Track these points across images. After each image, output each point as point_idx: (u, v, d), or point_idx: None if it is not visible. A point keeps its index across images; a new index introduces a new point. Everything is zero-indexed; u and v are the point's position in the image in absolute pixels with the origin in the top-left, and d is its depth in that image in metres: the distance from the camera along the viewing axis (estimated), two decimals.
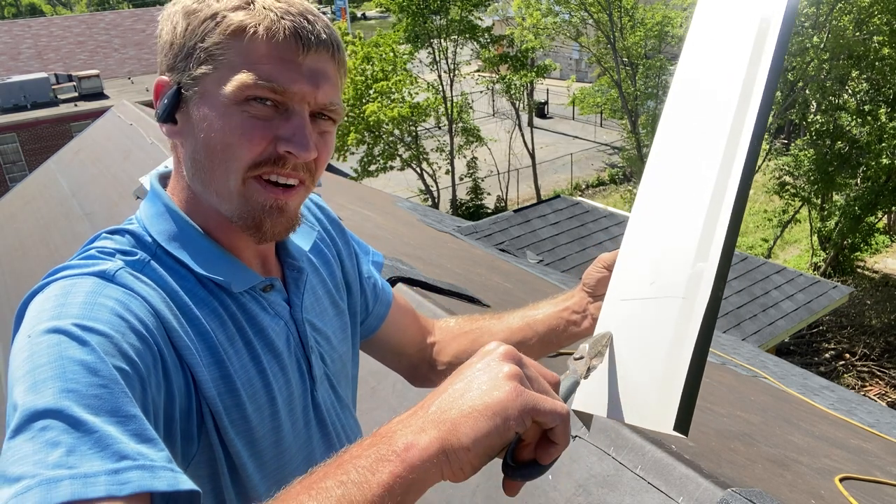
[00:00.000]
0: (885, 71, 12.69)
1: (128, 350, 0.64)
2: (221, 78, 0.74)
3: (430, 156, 17.26)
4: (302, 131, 0.76)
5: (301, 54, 0.75)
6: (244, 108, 0.74)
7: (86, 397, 0.57)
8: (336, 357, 0.96)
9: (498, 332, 1.10)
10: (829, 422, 3.12)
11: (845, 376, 10.91)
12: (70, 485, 0.52)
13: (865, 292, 13.51)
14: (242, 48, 0.74)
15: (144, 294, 0.72)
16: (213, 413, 0.75)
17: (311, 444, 0.90)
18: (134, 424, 0.59)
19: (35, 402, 0.56)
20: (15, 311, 0.72)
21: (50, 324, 0.63)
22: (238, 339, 0.80)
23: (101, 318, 0.65)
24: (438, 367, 1.16)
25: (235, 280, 0.81)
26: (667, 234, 0.78)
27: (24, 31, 23.21)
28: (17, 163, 17.82)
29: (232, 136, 0.75)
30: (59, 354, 0.60)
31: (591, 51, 18.81)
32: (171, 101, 0.77)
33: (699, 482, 1.40)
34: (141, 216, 0.83)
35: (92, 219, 5.21)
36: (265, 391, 0.81)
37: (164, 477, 0.56)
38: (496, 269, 4.55)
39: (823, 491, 1.75)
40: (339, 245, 1.05)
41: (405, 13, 16.24)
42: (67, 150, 7.95)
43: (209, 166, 0.77)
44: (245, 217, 0.78)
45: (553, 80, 26.26)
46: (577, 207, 7.86)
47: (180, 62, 0.77)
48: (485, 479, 1.76)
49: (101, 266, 0.72)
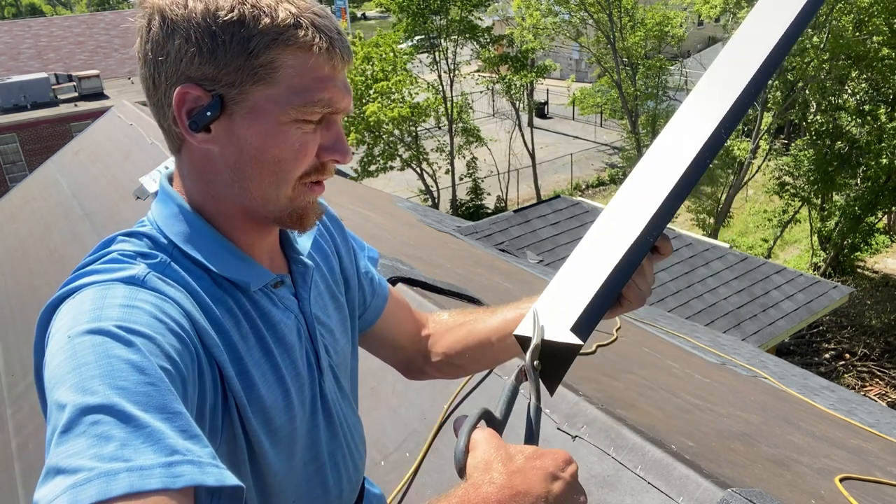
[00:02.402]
0: (884, 71, 12.70)
1: (169, 351, 0.66)
2: (279, 97, 0.76)
3: (430, 156, 17.26)
4: (342, 140, 0.82)
5: (340, 69, 0.79)
6: (298, 127, 0.78)
7: (135, 394, 0.59)
8: (339, 349, 0.99)
9: (492, 323, 1.11)
10: (829, 422, 3.11)
11: (845, 376, 10.91)
12: (127, 477, 0.53)
13: (865, 292, 13.51)
14: (298, 67, 0.76)
15: (174, 297, 0.73)
16: (238, 406, 0.78)
17: (318, 433, 0.93)
18: (181, 421, 0.60)
19: (85, 399, 0.57)
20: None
21: (91, 325, 0.64)
22: (251, 336, 0.82)
23: (141, 321, 0.66)
24: (433, 359, 1.18)
25: (253, 279, 0.83)
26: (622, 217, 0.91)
27: (24, 31, 23.20)
28: (17, 163, 17.81)
29: (287, 153, 0.78)
30: (105, 353, 0.61)
31: (591, 51, 18.81)
32: (213, 114, 0.77)
33: (699, 482, 1.40)
34: (154, 217, 0.84)
35: (92, 219, 5.21)
36: (279, 385, 0.84)
37: (211, 472, 0.58)
38: (496, 269, 4.55)
39: (823, 491, 1.75)
40: (338, 241, 1.07)
41: (405, 13, 16.24)
42: (67, 150, 7.95)
43: (258, 176, 0.79)
44: (291, 214, 0.82)
45: (553, 80, 26.27)
46: (577, 207, 7.86)
47: (225, 75, 0.75)
48: None
49: (129, 271, 0.73)
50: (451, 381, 2.06)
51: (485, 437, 0.65)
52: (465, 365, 1.18)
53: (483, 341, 1.12)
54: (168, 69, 0.76)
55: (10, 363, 4.08)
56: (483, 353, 1.13)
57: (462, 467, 0.64)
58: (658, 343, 3.59)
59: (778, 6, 1.01)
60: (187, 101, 0.77)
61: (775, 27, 0.99)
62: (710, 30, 27.23)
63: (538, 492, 0.60)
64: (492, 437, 0.65)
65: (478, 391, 1.98)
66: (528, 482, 0.60)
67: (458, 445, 0.65)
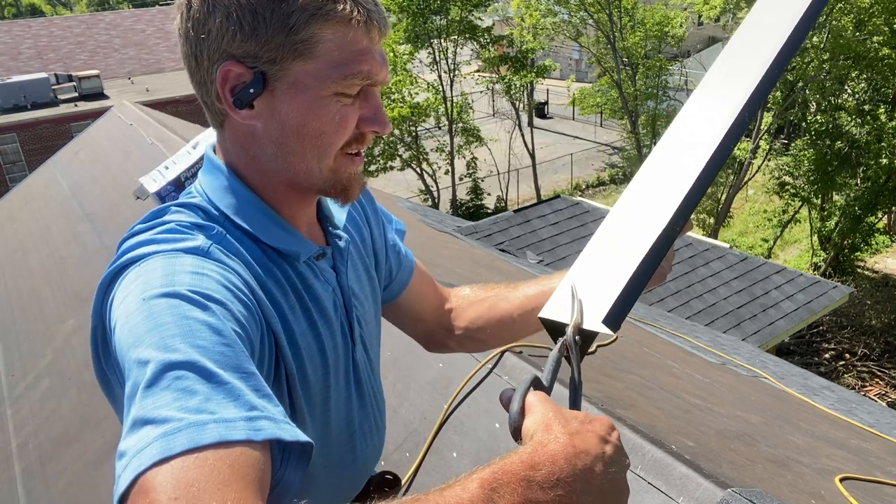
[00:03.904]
0: (884, 71, 12.69)
1: (239, 317, 0.69)
2: (318, 71, 0.77)
3: (430, 156, 17.25)
4: (380, 111, 0.83)
5: (377, 40, 0.80)
6: (337, 99, 0.79)
7: (213, 353, 0.61)
8: (369, 320, 1.02)
9: (514, 299, 1.13)
10: (829, 422, 3.11)
11: (845, 376, 10.91)
12: (215, 427, 0.56)
13: (865, 292, 13.51)
14: (337, 41, 0.77)
15: (236, 268, 0.76)
16: (287, 374, 0.81)
17: (351, 402, 0.96)
18: (255, 381, 0.63)
19: (168, 356, 0.60)
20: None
21: (165, 289, 0.66)
22: (297, 307, 0.85)
23: (212, 288, 0.69)
24: (455, 333, 1.20)
25: (302, 249, 0.86)
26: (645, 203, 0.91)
27: (24, 31, 23.19)
28: (17, 163, 17.81)
29: (328, 126, 0.79)
30: (183, 315, 0.64)
31: (591, 51, 18.81)
32: (256, 90, 0.78)
33: (699, 482, 1.40)
34: (203, 189, 0.85)
35: (92, 219, 5.21)
36: (320, 354, 0.87)
37: (286, 429, 0.60)
38: (496, 269, 4.55)
39: (823, 491, 1.75)
40: (369, 213, 1.09)
41: (405, 13, 16.23)
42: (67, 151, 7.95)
43: (300, 150, 0.81)
44: (334, 185, 0.84)
45: (553, 81, 26.26)
46: (577, 207, 7.85)
47: (266, 52, 0.76)
48: None
49: (191, 242, 0.75)
50: (451, 381, 2.06)
51: (539, 399, 0.67)
52: (486, 340, 1.20)
53: (504, 317, 1.14)
54: (210, 46, 0.78)
55: (10, 363, 4.08)
56: (504, 329, 1.15)
57: (517, 429, 0.66)
58: (658, 343, 3.59)
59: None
60: (230, 79, 0.78)
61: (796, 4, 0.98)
62: (710, 30, 27.23)
63: (595, 452, 0.62)
64: (546, 401, 0.67)
65: (478, 391, 1.98)
66: (587, 442, 0.62)
67: (513, 407, 0.66)
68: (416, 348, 2.35)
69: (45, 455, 3.01)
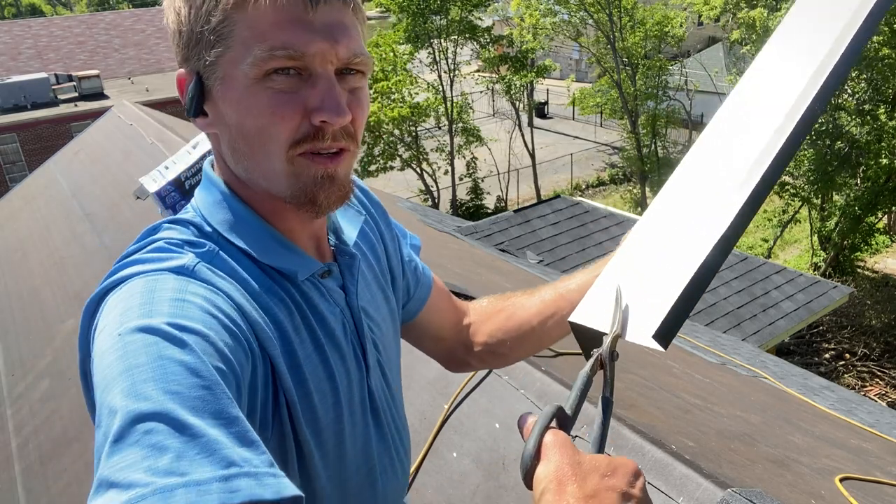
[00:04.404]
0: (884, 71, 12.68)
1: (223, 349, 0.63)
2: (236, 57, 0.70)
3: (430, 156, 17.26)
4: (331, 94, 0.71)
5: (311, 10, 0.70)
6: (268, 85, 0.70)
7: (189, 399, 0.56)
8: (387, 343, 0.94)
9: (531, 306, 1.07)
10: (829, 422, 3.11)
11: (845, 376, 10.91)
12: (184, 493, 0.50)
13: (865, 292, 13.50)
14: (248, 19, 0.69)
15: (224, 288, 0.70)
16: (288, 402, 0.74)
17: (368, 433, 0.88)
18: (237, 427, 0.57)
19: (138, 406, 0.54)
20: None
21: (142, 322, 0.61)
22: (303, 329, 0.78)
23: (194, 317, 0.63)
24: (475, 349, 1.13)
25: (299, 267, 0.78)
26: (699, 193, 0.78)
27: (24, 31, 23.19)
28: (17, 163, 17.81)
29: (263, 117, 0.71)
30: (158, 354, 0.58)
31: (591, 51, 18.81)
32: (195, 94, 0.73)
33: (699, 482, 1.40)
34: (198, 205, 0.80)
35: (92, 219, 5.21)
36: (328, 381, 0.80)
37: (269, 484, 0.55)
38: (496, 269, 4.55)
39: (823, 491, 1.75)
40: (382, 229, 1.02)
41: (405, 13, 16.23)
42: (67, 151, 7.95)
43: (249, 152, 0.74)
44: (298, 194, 0.75)
45: (553, 80, 26.26)
46: (577, 207, 7.86)
47: (193, 50, 0.73)
48: (484, 479, 1.76)
49: (177, 261, 0.70)
50: (451, 381, 2.06)
51: (557, 444, 0.59)
52: (507, 353, 1.12)
53: (523, 326, 1.07)
54: (177, 59, 0.76)
55: (10, 363, 4.08)
56: (524, 339, 1.08)
57: (529, 473, 0.58)
58: None
59: None
60: (182, 87, 0.76)
61: None
62: (710, 30, 27.23)
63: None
64: (564, 447, 0.59)
65: (478, 391, 1.98)
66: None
67: (527, 449, 0.59)
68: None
69: (45, 455, 3.01)
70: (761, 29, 13.09)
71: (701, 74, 19.41)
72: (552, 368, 1.94)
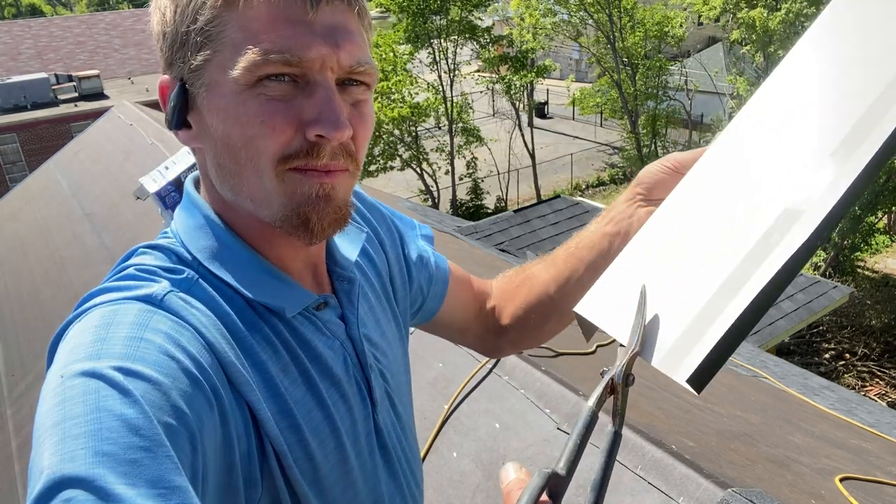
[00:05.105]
0: None
1: (177, 399, 0.54)
2: (225, 61, 0.62)
3: (430, 156, 17.26)
4: (330, 106, 0.63)
5: (311, 10, 0.62)
6: (259, 91, 0.62)
7: (123, 463, 0.48)
8: (395, 370, 0.86)
9: (546, 274, 0.98)
10: (829, 422, 3.11)
11: (845, 376, 10.91)
12: None
13: (865, 292, 13.50)
14: (240, 19, 0.62)
15: (196, 322, 0.62)
16: (276, 453, 0.66)
17: (377, 473, 0.79)
18: (176, 498, 0.49)
19: (62, 468, 0.47)
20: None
21: (87, 364, 0.53)
22: (293, 369, 0.70)
23: (148, 359, 0.55)
24: (505, 334, 1.05)
25: (289, 303, 0.70)
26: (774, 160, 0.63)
27: (24, 31, 23.19)
28: (17, 163, 17.80)
29: (252, 127, 0.63)
30: (96, 406, 0.50)
31: (591, 51, 18.82)
32: (177, 103, 0.66)
33: (699, 482, 1.40)
34: (178, 229, 0.72)
35: (92, 219, 5.21)
36: (327, 424, 0.71)
37: None
38: (496, 269, 4.54)
39: (823, 491, 1.75)
40: (382, 235, 0.93)
41: (405, 13, 16.24)
42: (67, 151, 7.96)
43: (236, 169, 0.65)
44: (290, 216, 0.66)
45: (553, 80, 26.26)
46: (577, 207, 7.86)
47: (177, 54, 0.65)
48: (485, 479, 1.76)
49: (145, 289, 0.62)
50: (451, 381, 2.06)
51: None
52: (536, 329, 1.02)
53: (542, 296, 0.98)
54: (161, 65, 0.69)
55: (10, 363, 4.08)
56: (547, 310, 0.99)
57: None
58: None
59: None
60: (166, 95, 0.68)
61: None
62: (710, 30, 27.22)
63: None
64: None
65: (478, 391, 1.98)
66: None
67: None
68: (416, 348, 2.36)
69: None
70: (761, 29, 13.09)
71: (701, 74, 19.41)
72: (552, 368, 1.94)
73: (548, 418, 1.76)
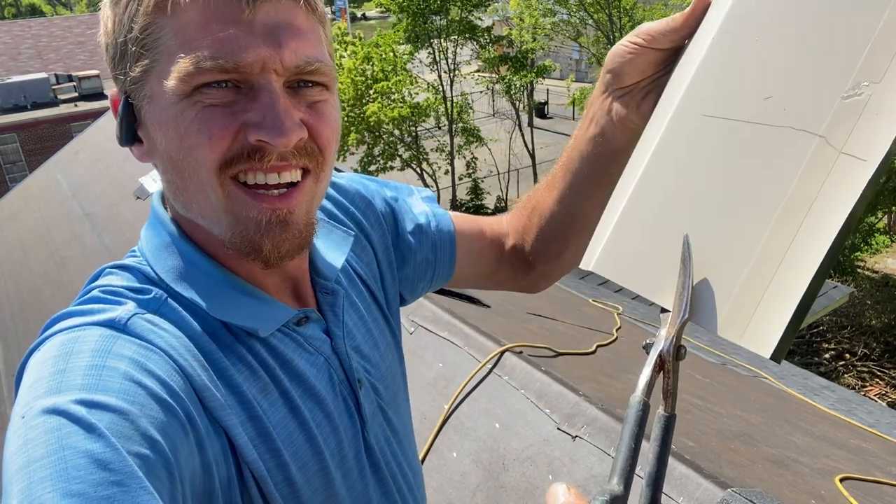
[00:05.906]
0: None
1: (147, 427, 0.51)
2: (162, 71, 0.58)
3: (430, 156, 17.27)
4: (273, 110, 0.58)
5: (248, 9, 0.57)
6: (197, 100, 0.58)
7: (94, 500, 0.45)
8: (389, 381, 0.82)
9: (550, 201, 0.91)
10: (829, 422, 3.11)
11: (845, 376, 10.91)
12: None
13: (865, 292, 13.51)
14: (173, 24, 0.57)
15: (164, 345, 0.59)
16: (256, 478, 0.63)
17: (367, 492, 0.76)
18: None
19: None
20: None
21: (47, 401, 0.50)
22: (273, 390, 0.66)
23: (112, 388, 0.52)
24: (532, 269, 0.98)
25: (263, 321, 0.66)
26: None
27: (24, 31, 23.21)
28: (17, 163, 17.81)
29: (189, 137, 0.59)
30: (60, 444, 0.47)
31: (591, 51, 18.82)
32: (123, 117, 0.62)
33: (699, 482, 1.40)
34: (144, 249, 0.69)
35: (92, 219, 5.21)
36: (310, 447, 0.68)
37: None
38: None
39: (823, 491, 1.75)
40: (369, 229, 0.87)
41: (405, 13, 16.25)
42: (67, 151, 7.95)
43: (183, 184, 0.62)
44: (238, 241, 0.62)
45: (553, 81, 26.26)
46: None
47: (119, 66, 0.61)
48: (484, 479, 1.76)
49: (108, 313, 0.59)
50: (451, 381, 2.06)
51: None
52: (560, 257, 0.94)
53: (552, 220, 0.91)
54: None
55: (10, 363, 4.08)
56: (562, 235, 0.91)
57: None
58: None
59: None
60: (116, 110, 0.65)
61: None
62: None
63: None
64: None
65: (478, 391, 1.98)
66: None
67: None
68: (417, 348, 2.36)
69: None
70: None
71: None
72: (552, 368, 1.94)
73: (548, 418, 1.76)
